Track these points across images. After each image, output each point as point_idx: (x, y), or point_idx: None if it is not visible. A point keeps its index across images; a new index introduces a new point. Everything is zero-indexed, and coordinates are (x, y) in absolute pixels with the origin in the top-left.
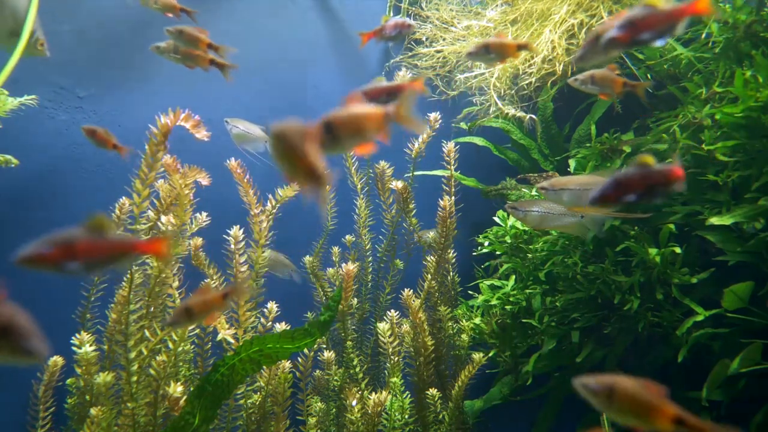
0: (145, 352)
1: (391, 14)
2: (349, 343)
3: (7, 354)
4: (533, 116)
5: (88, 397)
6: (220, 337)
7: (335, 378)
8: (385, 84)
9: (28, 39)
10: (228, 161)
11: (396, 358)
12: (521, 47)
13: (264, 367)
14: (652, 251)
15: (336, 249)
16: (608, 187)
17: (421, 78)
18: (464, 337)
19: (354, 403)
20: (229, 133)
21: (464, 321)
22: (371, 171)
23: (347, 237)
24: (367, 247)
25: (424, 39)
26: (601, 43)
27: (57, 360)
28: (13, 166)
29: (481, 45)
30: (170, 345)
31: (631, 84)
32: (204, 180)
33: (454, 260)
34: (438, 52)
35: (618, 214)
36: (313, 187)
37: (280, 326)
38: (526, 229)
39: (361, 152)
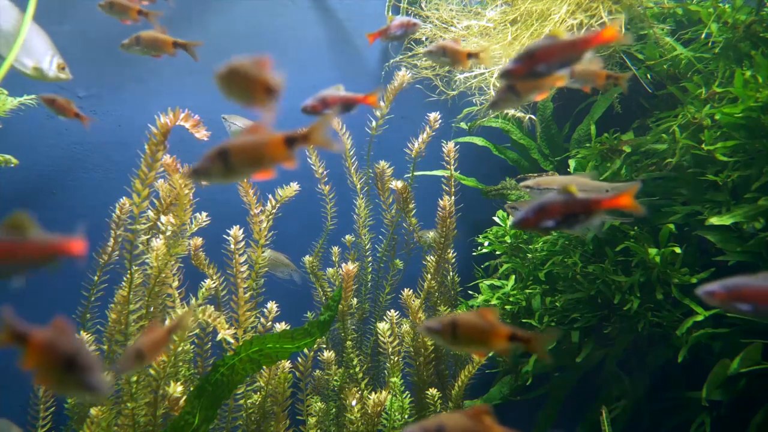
0: None
1: (390, 14)
2: (348, 342)
3: (70, 387)
4: (533, 116)
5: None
6: (219, 337)
7: (335, 378)
8: (341, 94)
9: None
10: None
11: (396, 358)
12: (471, 56)
13: (264, 367)
14: (652, 251)
15: (336, 249)
16: (530, 211)
17: (376, 92)
18: None
19: (354, 402)
20: (227, 130)
21: None
22: (371, 171)
23: (347, 237)
24: (367, 247)
25: (423, 39)
26: (499, 75)
27: None
28: (13, 165)
29: (440, 47)
30: (170, 345)
31: (614, 76)
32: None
33: (453, 260)
34: None
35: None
36: (269, 98)
37: (280, 326)
38: None
39: (260, 178)
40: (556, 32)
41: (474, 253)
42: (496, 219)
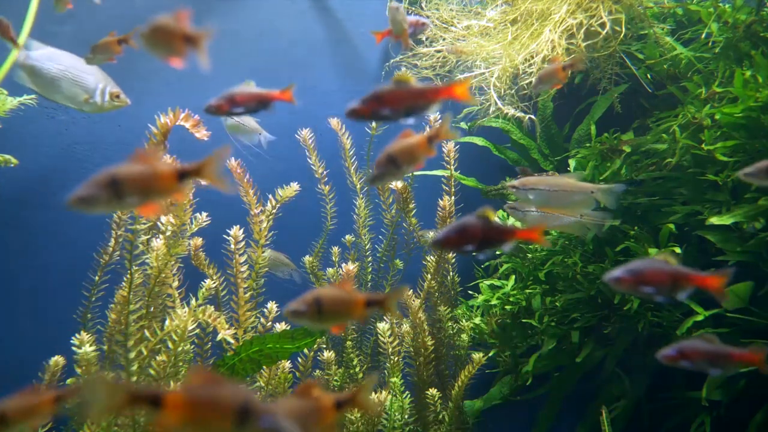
0: (145, 352)
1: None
2: (348, 343)
3: None
4: (532, 116)
5: None
6: (220, 337)
7: (335, 378)
8: (254, 90)
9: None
10: (228, 161)
11: (396, 358)
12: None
13: (264, 367)
14: (652, 251)
15: (336, 249)
16: (451, 232)
17: (290, 88)
18: (464, 337)
19: None
20: (223, 123)
21: (464, 321)
22: (371, 171)
23: (347, 237)
24: (367, 247)
25: (423, 39)
26: (346, 114)
27: (58, 360)
28: (12, 165)
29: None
30: (170, 345)
31: (569, 63)
32: (204, 180)
33: (453, 260)
34: (438, 51)
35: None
36: (193, 47)
37: (280, 326)
38: None
39: (145, 214)
40: (406, 78)
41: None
42: (496, 219)
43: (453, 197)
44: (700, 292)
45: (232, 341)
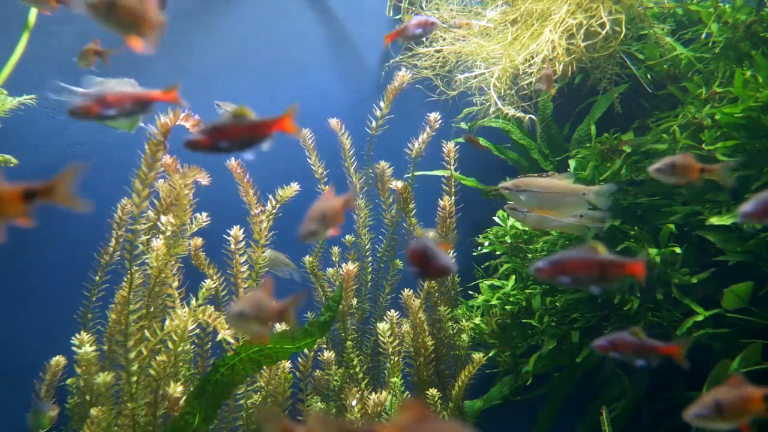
0: (145, 352)
1: (392, 14)
2: (349, 343)
3: None
4: (532, 116)
5: (88, 397)
6: (220, 337)
7: (335, 378)
8: (131, 90)
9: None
10: (228, 161)
11: (396, 358)
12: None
13: (264, 367)
14: (652, 251)
15: (336, 249)
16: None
17: (174, 87)
18: (464, 337)
19: (354, 403)
20: (221, 117)
21: (464, 321)
22: (371, 171)
23: (347, 237)
24: (367, 247)
25: (423, 39)
26: (186, 143)
27: (59, 360)
28: (12, 165)
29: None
30: (170, 345)
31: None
32: (204, 180)
33: (454, 260)
34: (437, 52)
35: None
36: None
37: (280, 326)
38: (526, 229)
39: None
40: (243, 111)
41: (474, 253)
42: (496, 219)
43: (453, 197)
44: (700, 292)
45: (232, 341)
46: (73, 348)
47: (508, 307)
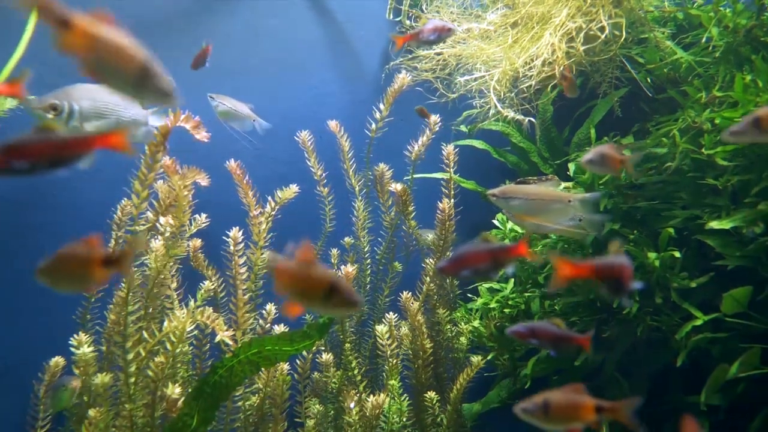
0: (143, 353)
1: (392, 16)
2: (347, 345)
3: (330, 308)
4: (532, 119)
5: (86, 398)
6: (218, 338)
7: (333, 380)
8: None
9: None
10: (228, 162)
11: (394, 361)
12: None
13: (262, 369)
14: (652, 255)
15: (335, 251)
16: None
17: (19, 80)
18: (463, 340)
19: (352, 405)
20: (215, 110)
21: (463, 324)
22: (370, 173)
23: (346, 239)
24: (366, 250)
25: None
26: None
27: (58, 360)
28: None
29: None
30: (168, 346)
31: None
32: (203, 181)
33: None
34: (438, 54)
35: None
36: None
37: (279, 328)
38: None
39: None
40: (50, 126)
41: None
42: (495, 222)
43: (452, 200)
44: (699, 296)
45: (230, 343)
46: (72, 348)
47: (507, 310)
